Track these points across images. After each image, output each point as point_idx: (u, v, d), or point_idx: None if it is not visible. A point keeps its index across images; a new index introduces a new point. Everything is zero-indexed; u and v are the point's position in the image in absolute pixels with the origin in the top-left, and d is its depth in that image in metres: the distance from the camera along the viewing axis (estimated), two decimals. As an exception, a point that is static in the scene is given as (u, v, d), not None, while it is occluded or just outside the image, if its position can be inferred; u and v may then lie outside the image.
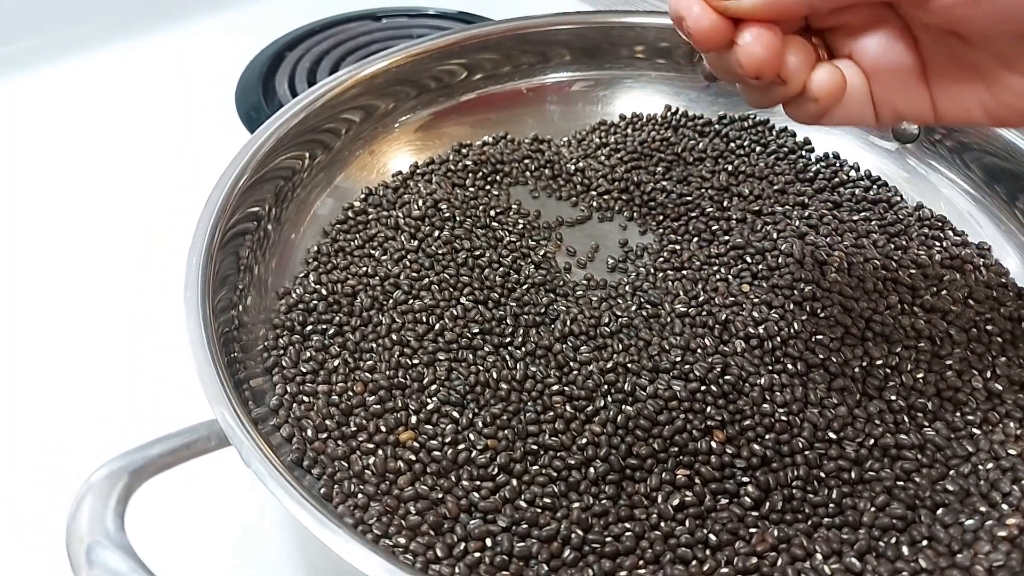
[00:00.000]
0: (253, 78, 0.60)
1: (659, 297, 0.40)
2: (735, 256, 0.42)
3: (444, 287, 0.40)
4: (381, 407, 0.34)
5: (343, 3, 0.69)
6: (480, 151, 0.49)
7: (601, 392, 0.35)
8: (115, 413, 0.39)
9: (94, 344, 0.42)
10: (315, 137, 0.45)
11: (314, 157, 0.45)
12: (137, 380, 0.40)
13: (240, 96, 0.59)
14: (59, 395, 0.40)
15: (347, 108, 0.46)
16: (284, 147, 0.43)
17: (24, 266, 0.47)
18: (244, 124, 0.57)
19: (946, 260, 0.41)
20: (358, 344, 0.37)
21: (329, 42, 0.64)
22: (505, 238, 0.44)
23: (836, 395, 0.34)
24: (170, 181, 0.52)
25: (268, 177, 0.42)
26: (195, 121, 0.57)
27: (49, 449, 0.37)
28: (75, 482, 0.24)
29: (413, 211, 0.44)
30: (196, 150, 0.54)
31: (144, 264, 0.46)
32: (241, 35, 0.64)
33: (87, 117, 0.57)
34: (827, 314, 0.37)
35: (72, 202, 0.51)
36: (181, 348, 0.30)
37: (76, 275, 0.46)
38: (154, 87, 0.60)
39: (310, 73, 0.61)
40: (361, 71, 0.47)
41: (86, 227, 0.49)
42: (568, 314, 0.39)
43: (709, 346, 0.37)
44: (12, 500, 0.36)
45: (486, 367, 0.36)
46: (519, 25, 0.51)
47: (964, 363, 0.36)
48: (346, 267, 0.41)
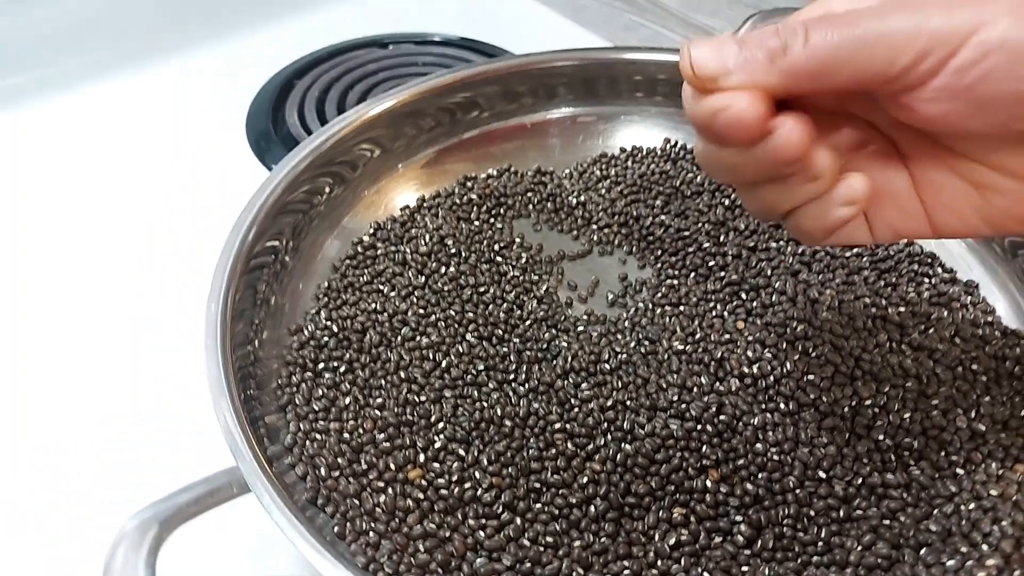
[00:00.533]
0: (263, 107, 0.62)
1: (657, 334, 0.41)
2: (730, 292, 0.44)
3: (450, 324, 0.41)
4: (390, 444, 0.36)
5: (350, 30, 0.70)
6: (484, 184, 0.51)
7: (601, 430, 0.37)
8: (139, 451, 0.40)
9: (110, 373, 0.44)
10: (329, 171, 0.47)
11: (329, 191, 0.47)
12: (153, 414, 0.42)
13: (250, 125, 0.60)
14: (78, 444, 0.41)
15: (357, 144, 0.48)
16: (298, 184, 0.44)
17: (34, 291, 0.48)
18: (254, 153, 0.58)
19: (934, 297, 0.43)
20: (367, 381, 0.39)
21: (337, 70, 0.65)
22: (509, 273, 0.45)
23: (826, 434, 0.36)
24: (183, 211, 0.54)
25: (286, 211, 0.43)
26: (206, 150, 0.59)
27: (81, 494, 0.39)
28: (93, 522, 0.26)
29: (420, 247, 0.46)
30: (208, 180, 0.56)
31: (158, 293, 0.48)
32: (250, 63, 0.66)
33: (97, 146, 0.59)
34: (818, 353, 0.39)
35: (83, 232, 0.52)
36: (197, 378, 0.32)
37: (89, 302, 0.48)
38: (165, 115, 0.62)
39: (319, 102, 0.62)
40: (371, 109, 0.48)
41: (98, 257, 0.50)
42: (569, 350, 0.41)
43: (705, 384, 0.38)
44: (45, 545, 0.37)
45: (490, 404, 0.38)
46: (522, 62, 0.53)
47: (949, 402, 0.37)
48: (355, 303, 0.43)
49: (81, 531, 0.36)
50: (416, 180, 0.51)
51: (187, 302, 0.39)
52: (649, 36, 0.73)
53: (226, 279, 0.37)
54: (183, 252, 0.50)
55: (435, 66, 0.66)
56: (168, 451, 0.39)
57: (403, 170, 0.51)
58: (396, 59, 0.67)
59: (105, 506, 0.37)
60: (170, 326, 0.45)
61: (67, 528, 0.37)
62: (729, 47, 0.24)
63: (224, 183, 0.55)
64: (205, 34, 0.69)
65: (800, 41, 0.23)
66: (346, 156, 0.48)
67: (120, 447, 0.40)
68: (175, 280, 0.48)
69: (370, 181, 0.50)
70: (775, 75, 0.23)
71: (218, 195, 0.53)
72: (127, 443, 0.40)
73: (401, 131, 0.50)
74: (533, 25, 0.73)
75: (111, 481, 0.39)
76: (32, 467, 0.39)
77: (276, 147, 0.58)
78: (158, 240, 0.51)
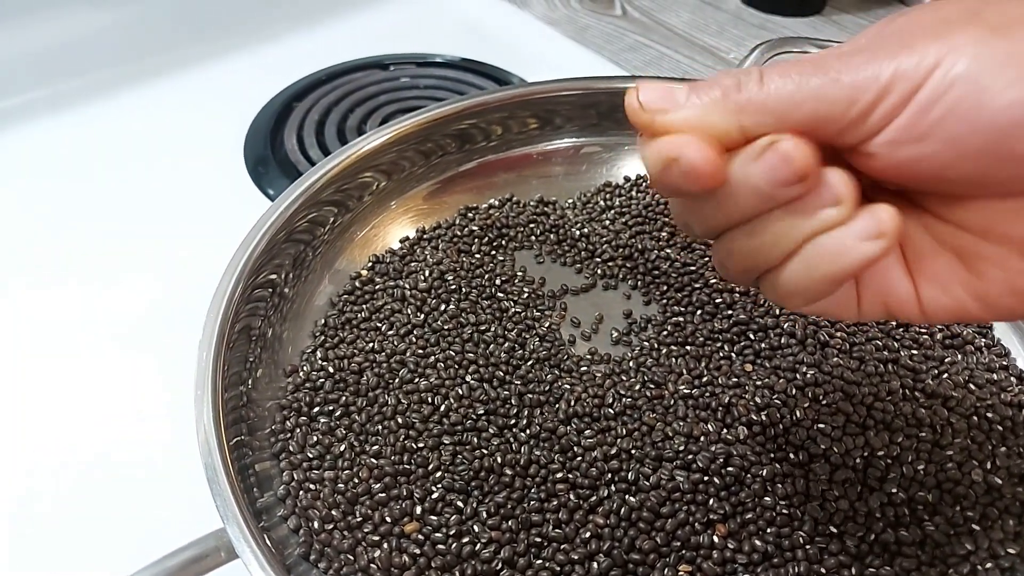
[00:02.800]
0: (261, 130, 0.61)
1: (663, 376, 0.40)
2: (738, 332, 0.42)
3: (449, 365, 0.40)
4: (386, 495, 0.35)
5: (350, 50, 0.69)
6: (486, 215, 0.50)
7: (605, 481, 0.35)
8: (124, 507, 0.38)
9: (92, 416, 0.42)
10: (331, 202, 0.46)
11: (331, 222, 0.46)
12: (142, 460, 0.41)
13: (248, 149, 0.59)
14: (57, 499, 0.39)
15: (359, 176, 0.47)
16: (299, 216, 0.43)
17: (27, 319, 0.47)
18: (251, 178, 0.57)
19: (947, 339, 0.42)
20: (364, 426, 0.38)
21: (337, 93, 0.64)
22: (510, 309, 0.44)
23: (837, 487, 0.35)
24: (178, 238, 0.52)
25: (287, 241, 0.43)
26: (203, 175, 0.57)
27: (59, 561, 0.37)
28: None
29: (419, 283, 0.44)
30: (204, 206, 0.55)
31: (148, 325, 0.47)
32: (249, 85, 0.65)
33: (89, 169, 0.57)
34: (829, 400, 0.38)
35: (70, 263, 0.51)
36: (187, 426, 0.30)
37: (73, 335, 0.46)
38: (161, 138, 0.61)
39: (319, 126, 0.61)
40: (373, 140, 0.47)
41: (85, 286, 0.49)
42: (572, 393, 0.39)
43: (712, 432, 0.37)
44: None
45: (491, 451, 0.37)
46: (526, 92, 0.52)
47: (964, 453, 0.36)
48: (353, 341, 0.42)
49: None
50: (416, 211, 0.50)
51: (179, 337, 0.38)
52: (654, 57, 0.72)
53: (218, 324, 0.36)
54: (177, 282, 0.49)
55: (436, 88, 0.66)
56: (155, 505, 0.37)
57: (404, 201, 0.50)
58: (397, 81, 0.66)
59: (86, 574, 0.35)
60: (160, 363, 0.44)
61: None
62: (679, 87, 0.23)
63: (220, 210, 0.54)
64: (202, 55, 0.68)
65: (755, 80, 0.22)
66: (347, 187, 0.47)
67: (104, 501, 0.38)
68: (167, 313, 0.47)
69: (370, 213, 0.49)
70: (726, 111, 0.22)
71: (214, 222, 0.52)
72: (112, 497, 0.38)
73: (403, 162, 0.49)
74: (535, 45, 0.72)
75: (92, 542, 0.36)
76: (7, 528, 0.37)
77: (274, 172, 0.57)
78: (150, 269, 0.50)
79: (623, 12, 0.78)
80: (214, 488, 0.28)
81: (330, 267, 0.46)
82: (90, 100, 0.63)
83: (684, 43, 0.74)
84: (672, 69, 0.70)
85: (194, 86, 0.66)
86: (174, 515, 0.36)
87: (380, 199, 0.49)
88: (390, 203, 0.49)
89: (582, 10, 0.79)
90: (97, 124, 0.61)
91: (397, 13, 0.75)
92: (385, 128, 0.48)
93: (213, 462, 0.29)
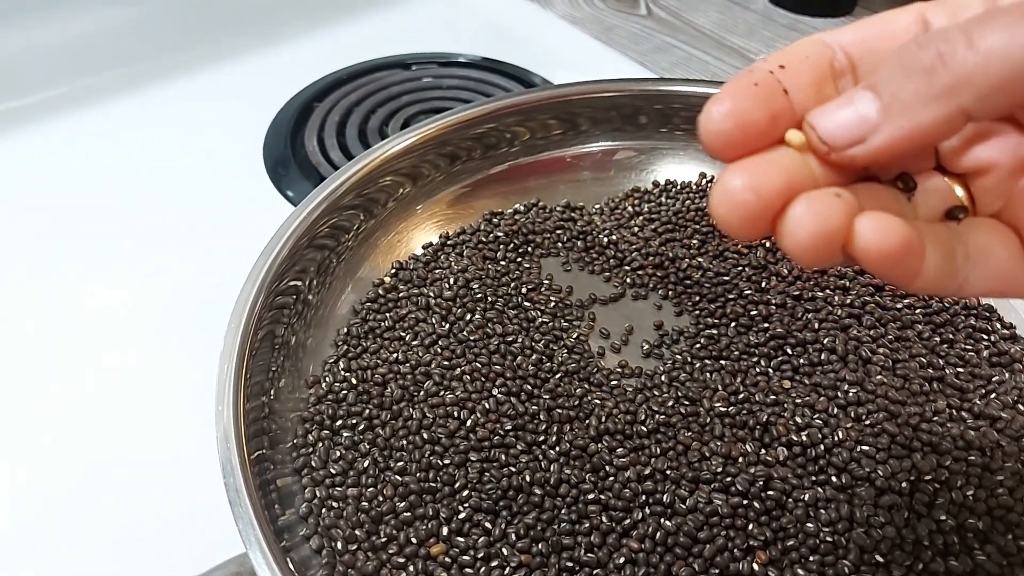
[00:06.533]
0: (281, 130, 0.60)
1: (697, 392, 0.39)
2: (775, 347, 0.41)
3: (476, 377, 0.39)
4: (411, 514, 0.33)
5: (372, 50, 0.68)
6: (511, 220, 0.48)
7: (639, 503, 0.34)
8: (146, 527, 0.37)
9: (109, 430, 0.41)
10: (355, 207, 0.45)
11: (356, 228, 0.45)
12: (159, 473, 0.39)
13: (268, 150, 0.58)
14: (72, 519, 0.38)
15: (384, 180, 0.46)
16: (324, 221, 0.42)
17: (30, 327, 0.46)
18: (271, 180, 0.56)
19: (994, 357, 0.40)
20: (388, 441, 0.36)
21: (358, 93, 0.63)
22: (537, 319, 0.43)
23: (883, 513, 0.33)
24: (197, 241, 0.51)
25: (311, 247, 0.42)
26: (222, 176, 0.56)
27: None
28: None
29: (444, 291, 0.43)
30: (223, 208, 0.54)
31: (168, 330, 0.45)
32: (269, 83, 0.64)
33: (107, 171, 0.56)
34: (872, 420, 0.36)
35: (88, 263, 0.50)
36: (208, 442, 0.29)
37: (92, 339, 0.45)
38: (180, 138, 0.60)
39: (339, 127, 0.60)
40: (397, 144, 0.46)
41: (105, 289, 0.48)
42: (603, 408, 0.38)
43: (751, 453, 0.35)
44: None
45: (519, 469, 0.35)
46: (553, 95, 0.50)
47: (1016, 478, 0.35)
48: (376, 351, 0.40)
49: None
50: (442, 216, 0.48)
51: (199, 342, 0.36)
52: (681, 58, 0.70)
53: (240, 334, 0.35)
54: (197, 286, 0.47)
55: (459, 89, 0.64)
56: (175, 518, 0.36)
57: (429, 206, 0.48)
58: (419, 81, 0.65)
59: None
60: (177, 368, 0.43)
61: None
62: (858, 96, 0.18)
63: (240, 211, 0.53)
64: (221, 53, 0.67)
65: (962, 45, 0.17)
66: (370, 192, 0.45)
67: (121, 511, 0.37)
68: (185, 317, 0.46)
69: (395, 218, 0.47)
70: (940, 101, 0.17)
71: (233, 224, 0.51)
72: (130, 509, 0.37)
73: (428, 167, 0.48)
74: (560, 45, 0.70)
75: (114, 566, 0.35)
76: (20, 548, 0.36)
77: (294, 173, 0.56)
78: (167, 272, 0.49)
79: (648, 11, 0.77)
80: (236, 511, 0.27)
81: (353, 274, 0.44)
82: (107, 98, 0.62)
83: (713, 44, 0.72)
84: (701, 71, 0.68)
85: (213, 85, 0.64)
86: (194, 528, 0.35)
87: (404, 204, 0.47)
88: (415, 208, 0.48)
89: (607, 9, 0.77)
90: (114, 122, 0.60)
91: (419, 12, 0.74)
92: (408, 132, 0.47)
93: (236, 483, 0.28)
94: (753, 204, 0.18)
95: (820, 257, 0.18)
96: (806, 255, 0.18)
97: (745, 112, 0.19)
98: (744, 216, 0.18)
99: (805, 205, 0.18)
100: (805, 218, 0.18)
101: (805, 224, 0.18)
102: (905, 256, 0.18)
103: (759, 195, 0.18)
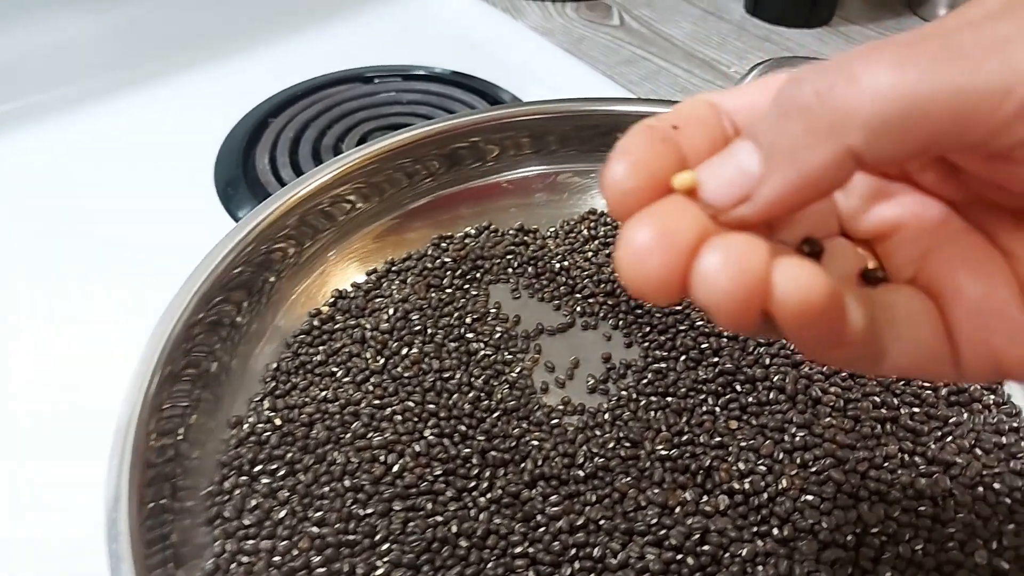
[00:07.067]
0: (234, 148, 0.58)
1: (640, 433, 0.37)
2: (723, 383, 0.39)
3: (408, 417, 0.37)
4: (326, 570, 0.32)
5: (333, 62, 0.66)
6: (461, 245, 0.47)
7: (568, 557, 0.32)
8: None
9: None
10: (295, 230, 0.43)
11: (293, 252, 0.44)
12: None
13: (219, 168, 0.56)
14: None
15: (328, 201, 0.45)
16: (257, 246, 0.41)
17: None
18: (220, 200, 0.54)
19: (952, 396, 0.38)
20: (309, 488, 0.34)
21: (315, 108, 0.61)
22: (480, 352, 0.41)
23: (825, 569, 0.31)
24: (138, 262, 0.49)
25: (241, 275, 0.40)
26: (171, 197, 0.54)
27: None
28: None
29: (381, 323, 0.41)
30: (168, 231, 0.51)
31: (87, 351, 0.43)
32: (224, 99, 0.62)
33: (48, 190, 0.54)
34: (819, 468, 0.34)
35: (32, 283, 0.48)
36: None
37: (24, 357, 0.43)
38: (129, 154, 0.58)
39: (293, 143, 0.58)
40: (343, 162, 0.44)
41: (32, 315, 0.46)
42: (540, 451, 0.36)
43: (690, 502, 0.34)
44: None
45: (446, 518, 0.33)
46: (508, 114, 0.48)
47: (967, 530, 0.33)
48: (306, 388, 0.39)
49: None
50: (387, 241, 0.47)
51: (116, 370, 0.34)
52: (651, 71, 0.68)
53: (152, 368, 0.33)
54: (129, 311, 0.45)
55: (420, 104, 0.62)
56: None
57: (373, 229, 0.47)
58: (378, 96, 0.63)
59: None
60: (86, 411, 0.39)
61: None
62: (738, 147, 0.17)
63: (186, 233, 0.51)
64: (177, 67, 0.65)
65: (842, 80, 0.15)
66: (315, 213, 0.44)
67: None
68: (111, 342, 0.43)
69: (336, 242, 0.46)
70: (821, 143, 0.15)
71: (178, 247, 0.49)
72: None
73: (375, 188, 0.46)
74: (528, 58, 0.68)
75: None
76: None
77: (244, 194, 0.54)
78: (102, 295, 0.47)
79: (621, 22, 0.75)
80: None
81: (286, 302, 0.43)
82: (58, 113, 0.60)
83: (683, 56, 0.70)
84: (670, 83, 0.67)
85: (167, 100, 0.63)
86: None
87: (347, 229, 0.46)
88: (357, 233, 0.46)
89: (578, 19, 0.75)
90: (63, 138, 0.59)
91: (383, 22, 0.72)
92: (357, 150, 0.45)
93: (118, 549, 0.26)
94: (671, 259, 0.16)
95: (744, 309, 0.15)
96: (728, 307, 0.15)
97: (649, 163, 0.17)
98: (660, 276, 0.16)
99: (722, 249, 0.15)
100: (722, 264, 0.15)
101: (723, 271, 0.15)
102: (830, 311, 0.15)
103: (675, 246, 0.16)
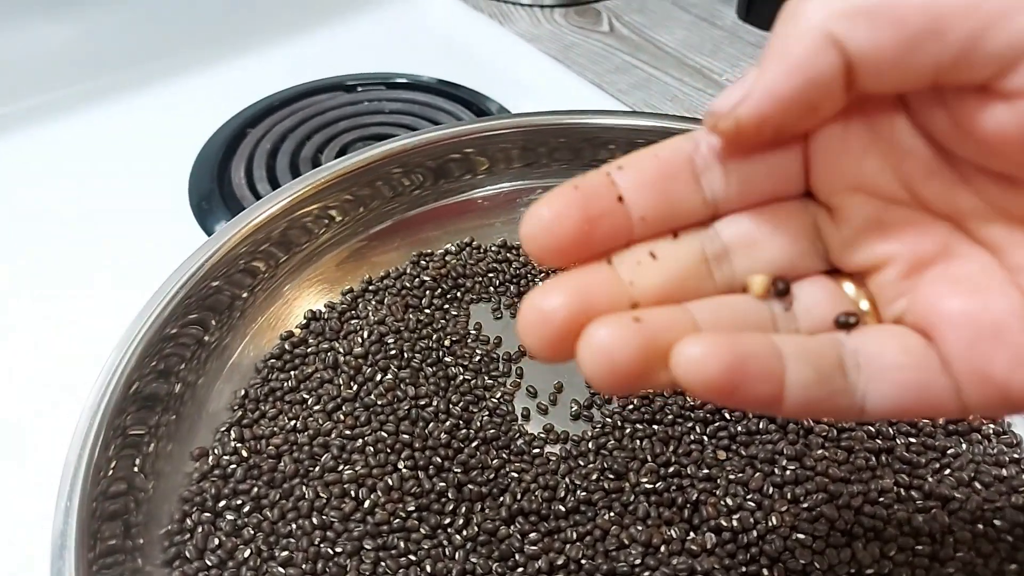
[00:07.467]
0: (209, 160, 0.56)
1: (624, 464, 0.35)
2: (712, 410, 0.37)
3: (380, 449, 0.35)
4: (291, 616, 0.30)
5: (315, 70, 0.64)
6: (441, 262, 0.45)
7: (546, 600, 0.31)
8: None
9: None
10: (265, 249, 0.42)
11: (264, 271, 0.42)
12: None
13: (193, 183, 0.55)
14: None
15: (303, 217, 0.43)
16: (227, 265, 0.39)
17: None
18: (195, 216, 0.52)
19: (951, 425, 0.36)
20: (275, 525, 0.33)
21: (295, 118, 0.60)
22: (458, 377, 0.39)
23: (817, 613, 0.30)
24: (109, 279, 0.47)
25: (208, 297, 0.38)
26: (144, 208, 0.53)
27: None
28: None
29: (356, 346, 0.40)
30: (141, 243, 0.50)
31: (52, 368, 0.41)
32: (201, 107, 0.60)
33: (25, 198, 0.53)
34: (810, 503, 0.33)
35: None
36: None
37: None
38: (103, 166, 0.56)
39: (270, 156, 0.56)
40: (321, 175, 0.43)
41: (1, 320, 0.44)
42: (520, 483, 0.35)
43: (675, 539, 0.32)
44: None
45: (419, 558, 0.32)
46: (494, 125, 0.47)
47: (968, 569, 0.31)
48: (275, 417, 0.37)
49: None
50: (364, 258, 0.45)
51: (75, 399, 0.32)
52: (641, 79, 0.66)
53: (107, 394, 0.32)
54: (98, 327, 0.43)
55: (403, 114, 0.61)
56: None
57: (350, 246, 0.45)
58: (360, 105, 0.61)
59: None
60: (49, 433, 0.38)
61: None
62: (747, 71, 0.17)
63: (157, 248, 0.49)
64: (154, 75, 0.63)
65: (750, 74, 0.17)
66: (290, 228, 0.42)
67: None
68: (77, 359, 0.41)
69: (312, 260, 0.44)
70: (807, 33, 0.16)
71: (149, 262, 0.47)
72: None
73: (353, 202, 0.45)
74: (515, 65, 0.67)
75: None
76: None
77: (218, 208, 0.52)
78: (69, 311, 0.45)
79: (610, 28, 0.73)
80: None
81: (257, 323, 0.41)
82: (28, 123, 0.59)
83: (675, 63, 0.69)
84: (661, 92, 0.65)
85: (141, 110, 0.61)
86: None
87: (323, 245, 0.44)
88: (333, 250, 0.45)
89: (568, 26, 0.74)
90: (33, 149, 0.57)
91: (366, 27, 0.70)
92: (335, 163, 0.44)
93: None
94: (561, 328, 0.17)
95: (619, 384, 0.16)
96: (602, 383, 0.16)
97: (560, 218, 0.18)
98: (550, 342, 0.17)
99: (603, 330, 0.16)
100: (596, 344, 0.16)
101: (596, 351, 0.16)
102: (738, 381, 0.16)
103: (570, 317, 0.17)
